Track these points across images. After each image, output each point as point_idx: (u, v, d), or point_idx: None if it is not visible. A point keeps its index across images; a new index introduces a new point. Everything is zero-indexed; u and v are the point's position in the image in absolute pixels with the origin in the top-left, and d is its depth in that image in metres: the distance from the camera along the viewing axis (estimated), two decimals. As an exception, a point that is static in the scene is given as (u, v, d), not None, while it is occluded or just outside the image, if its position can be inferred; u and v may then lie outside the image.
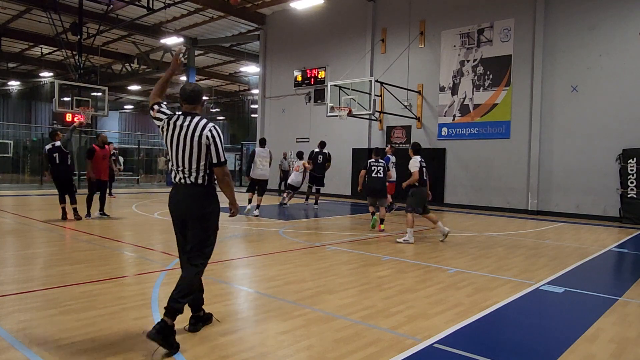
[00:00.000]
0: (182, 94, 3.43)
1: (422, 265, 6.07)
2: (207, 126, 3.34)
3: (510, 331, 3.82)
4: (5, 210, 10.73)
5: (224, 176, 3.40)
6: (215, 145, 3.33)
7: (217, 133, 3.35)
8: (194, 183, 3.36)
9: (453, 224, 10.82)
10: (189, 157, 3.33)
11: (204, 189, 3.39)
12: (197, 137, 3.30)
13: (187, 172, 3.36)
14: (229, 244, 7.40)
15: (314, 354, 3.14)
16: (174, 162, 3.40)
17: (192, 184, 3.36)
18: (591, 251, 7.59)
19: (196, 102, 3.45)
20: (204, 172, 3.36)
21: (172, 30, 22.04)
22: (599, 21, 12.63)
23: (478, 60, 14.80)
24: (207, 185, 3.40)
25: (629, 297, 4.87)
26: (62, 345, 3.12)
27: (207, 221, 3.39)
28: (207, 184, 3.40)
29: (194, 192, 3.37)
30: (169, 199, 3.49)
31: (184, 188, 3.39)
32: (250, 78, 30.15)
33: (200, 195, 3.37)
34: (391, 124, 16.91)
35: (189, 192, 3.38)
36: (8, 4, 18.63)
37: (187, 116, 3.38)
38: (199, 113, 3.46)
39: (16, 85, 35.70)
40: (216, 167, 3.37)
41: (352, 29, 18.00)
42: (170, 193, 3.50)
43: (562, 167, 13.17)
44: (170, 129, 3.38)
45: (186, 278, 3.30)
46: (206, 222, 3.39)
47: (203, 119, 3.39)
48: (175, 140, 3.35)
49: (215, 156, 3.34)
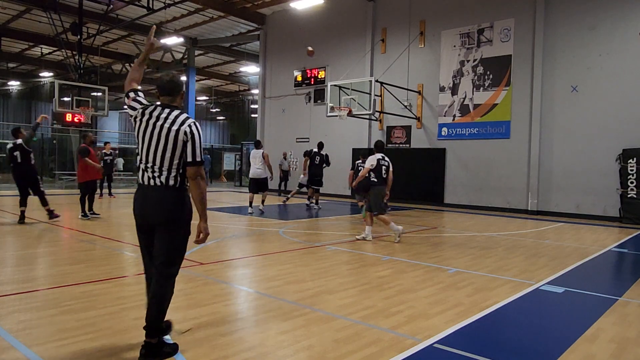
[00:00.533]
0: (159, 85, 3.12)
1: (422, 265, 6.07)
2: (187, 121, 3.01)
3: (510, 331, 3.82)
4: (5, 210, 10.72)
5: (197, 176, 3.00)
6: (193, 142, 2.99)
7: (197, 130, 3.03)
8: (164, 184, 3.00)
9: (453, 224, 10.83)
10: (161, 154, 2.98)
11: (175, 192, 3.02)
12: (173, 132, 2.96)
13: (157, 171, 3.00)
14: (229, 244, 7.40)
15: (314, 354, 3.14)
16: (143, 158, 3.04)
17: (162, 185, 3.00)
18: (591, 251, 7.59)
19: (175, 94, 3.12)
20: (176, 172, 3.01)
21: (172, 30, 22.05)
22: (599, 21, 12.63)
23: (478, 60, 14.80)
24: (178, 188, 3.03)
25: (629, 297, 4.87)
26: (62, 345, 3.12)
27: (179, 228, 3.05)
28: (179, 186, 3.04)
29: (163, 195, 3.00)
30: (134, 202, 3.11)
31: (153, 190, 3.01)
32: (250, 78, 30.15)
33: (170, 199, 3.01)
34: (391, 124, 16.91)
35: (157, 195, 3.00)
36: (8, 4, 18.64)
37: (165, 108, 3.05)
38: (178, 106, 3.13)
39: (16, 85, 35.71)
40: (190, 167, 2.99)
41: (352, 29, 18.00)
42: (135, 195, 3.12)
43: (562, 167, 13.18)
44: (145, 120, 3.03)
45: (161, 293, 3.02)
46: (179, 229, 3.05)
47: (183, 114, 3.07)
48: (149, 133, 3.01)
49: (191, 154, 2.98)
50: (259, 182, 11.67)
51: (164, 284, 3.03)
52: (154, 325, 2.98)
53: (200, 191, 3.01)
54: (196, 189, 3.01)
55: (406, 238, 8.43)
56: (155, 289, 3.02)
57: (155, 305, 3.01)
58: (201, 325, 3.61)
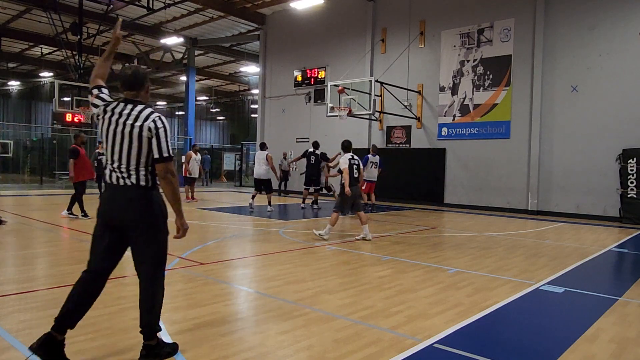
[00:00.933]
0: (121, 79, 2.94)
1: (422, 265, 6.07)
2: (151, 116, 2.85)
3: (510, 331, 3.82)
4: (5, 210, 10.72)
5: (166, 174, 2.85)
6: (158, 138, 2.83)
7: (162, 124, 2.87)
8: (134, 185, 2.84)
9: (453, 224, 10.83)
10: (127, 152, 2.83)
11: (147, 192, 2.88)
12: (137, 129, 2.81)
13: (124, 171, 2.85)
14: (229, 244, 7.40)
15: (314, 354, 3.14)
16: (109, 157, 2.90)
17: (133, 185, 2.84)
18: (591, 251, 7.59)
19: (138, 88, 2.96)
20: (145, 170, 2.87)
21: (172, 30, 22.05)
22: (599, 21, 12.63)
23: (478, 60, 14.80)
24: (150, 188, 2.89)
25: (629, 297, 4.87)
26: (62, 345, 3.12)
27: (157, 230, 2.92)
28: (151, 186, 2.89)
29: (134, 195, 2.85)
30: (101, 203, 2.94)
31: (123, 191, 2.86)
32: (250, 78, 30.16)
33: (142, 200, 2.86)
34: (391, 124, 16.91)
35: (127, 196, 2.85)
36: (8, 4, 18.65)
37: (127, 104, 2.89)
38: (143, 101, 2.97)
39: (16, 85, 35.72)
40: (159, 163, 2.85)
41: (352, 29, 18.00)
42: (103, 195, 2.98)
43: (562, 167, 13.18)
44: (107, 118, 2.88)
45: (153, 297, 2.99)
46: (157, 232, 2.93)
47: (147, 108, 2.90)
48: (112, 131, 2.86)
49: (157, 150, 2.83)
50: (261, 182, 12.31)
51: (153, 288, 2.97)
52: (151, 329, 2.96)
53: (172, 189, 2.88)
54: (167, 186, 2.87)
55: (406, 238, 8.44)
56: (145, 294, 2.97)
57: (150, 311, 2.96)
58: (201, 325, 3.61)
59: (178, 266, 5.62)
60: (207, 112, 44.07)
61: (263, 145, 12.78)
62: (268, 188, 12.35)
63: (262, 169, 12.13)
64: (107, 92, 3.03)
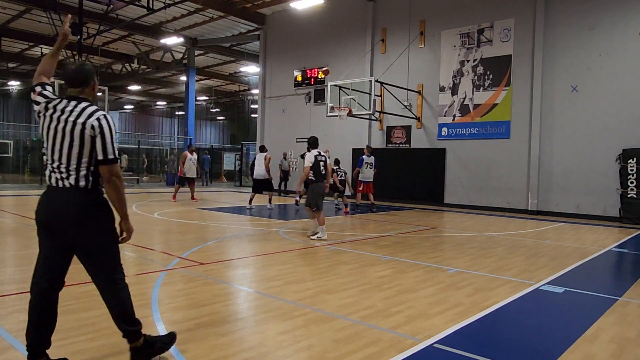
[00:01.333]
0: (66, 75, 2.79)
1: (422, 265, 6.07)
2: (94, 114, 2.68)
3: (510, 331, 3.82)
4: (5, 210, 10.73)
5: (111, 176, 2.68)
6: (102, 137, 2.66)
7: (107, 123, 2.70)
8: (73, 186, 2.67)
9: (453, 224, 10.83)
10: (67, 152, 2.67)
11: (87, 194, 2.70)
12: (79, 127, 2.65)
13: (64, 172, 2.68)
14: (229, 244, 7.40)
15: (314, 354, 3.14)
16: (49, 157, 2.71)
17: (72, 187, 2.67)
18: (591, 251, 7.59)
19: (84, 84, 2.79)
20: (87, 171, 2.69)
21: (172, 30, 22.05)
22: (599, 21, 12.63)
23: (478, 60, 14.80)
24: (91, 189, 2.71)
25: (629, 297, 4.87)
26: (62, 345, 3.12)
27: (103, 232, 2.76)
28: (92, 188, 2.71)
29: (74, 198, 2.67)
30: (38, 206, 2.75)
31: (61, 193, 2.68)
32: (250, 78, 30.16)
33: (81, 203, 2.67)
34: (391, 124, 16.91)
35: (67, 199, 2.67)
36: (8, 4, 18.65)
37: (71, 101, 2.73)
38: (88, 99, 2.80)
39: (16, 85, 35.72)
40: (102, 165, 2.68)
41: (352, 29, 18.00)
42: (41, 197, 2.76)
43: (562, 167, 13.18)
44: (49, 115, 2.72)
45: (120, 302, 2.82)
46: (103, 234, 2.76)
47: (92, 106, 2.74)
48: (53, 129, 2.69)
49: (101, 151, 2.66)
50: (260, 182, 12.81)
51: (117, 293, 2.82)
52: (131, 332, 2.85)
53: (117, 193, 2.70)
54: (112, 190, 2.70)
55: (406, 238, 8.44)
56: (110, 302, 2.82)
57: (121, 316, 2.83)
58: (201, 325, 3.61)
59: (178, 266, 5.62)
60: (207, 112, 44.08)
61: (262, 148, 13.23)
62: (269, 187, 12.85)
63: (261, 170, 12.66)
64: (50, 90, 2.87)
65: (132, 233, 2.87)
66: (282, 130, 20.61)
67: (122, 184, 2.75)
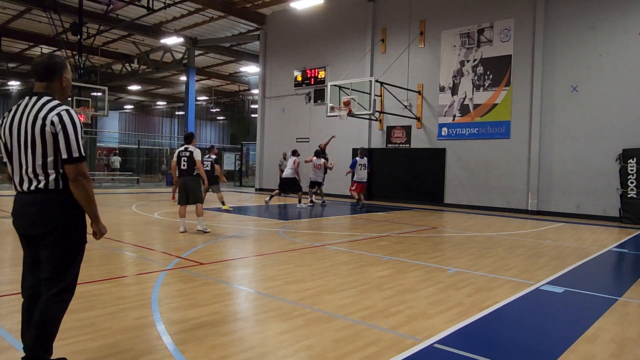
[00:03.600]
0: (32, 67, 2.60)
1: (422, 265, 6.07)
2: (55, 109, 2.49)
3: (510, 331, 3.82)
4: (5, 210, 10.72)
5: (77, 176, 2.50)
6: (65, 134, 2.47)
7: (69, 118, 2.49)
8: (42, 189, 2.51)
9: (453, 224, 10.83)
10: (32, 152, 2.49)
11: (58, 196, 2.54)
12: (39, 123, 2.45)
13: (31, 174, 2.51)
14: (229, 244, 7.41)
15: (314, 354, 3.14)
16: (15, 159, 2.56)
17: (41, 190, 2.51)
18: (591, 251, 7.59)
19: (50, 79, 2.59)
20: (55, 172, 2.52)
21: (172, 30, 22.04)
22: (599, 21, 12.63)
23: (478, 60, 14.80)
24: (61, 190, 2.54)
25: (629, 297, 4.87)
26: (62, 345, 3.12)
27: (66, 237, 2.57)
28: (62, 189, 2.54)
29: (42, 200, 2.52)
30: (13, 215, 2.66)
31: (31, 196, 2.53)
32: (250, 78, 30.16)
33: (51, 205, 2.53)
34: (391, 124, 16.91)
35: (35, 201, 2.52)
36: (8, 4, 18.64)
37: (33, 97, 2.54)
38: (52, 93, 2.59)
39: (16, 85, 35.71)
40: (67, 165, 2.50)
41: (352, 29, 18.00)
42: (14, 206, 2.65)
43: (562, 167, 13.18)
44: (10, 115, 2.56)
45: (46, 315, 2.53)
46: (65, 239, 2.57)
47: (53, 101, 2.54)
48: (16, 128, 2.51)
49: (65, 149, 2.47)
50: (286, 182, 13.88)
51: (50, 305, 2.54)
52: (34, 355, 2.49)
53: (85, 193, 2.53)
54: (78, 191, 2.52)
55: (406, 238, 8.44)
56: (39, 309, 2.53)
57: (36, 329, 2.49)
58: (201, 325, 3.61)
59: (178, 266, 5.62)
60: (207, 112, 44.08)
61: (295, 152, 14.51)
62: (295, 188, 13.82)
63: (289, 171, 13.85)
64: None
65: (103, 235, 2.75)
66: (282, 130, 20.60)
67: (89, 183, 2.57)
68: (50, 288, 2.56)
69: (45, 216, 2.52)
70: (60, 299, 2.60)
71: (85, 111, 16.86)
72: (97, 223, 2.68)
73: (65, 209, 2.56)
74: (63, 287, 2.60)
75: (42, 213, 2.52)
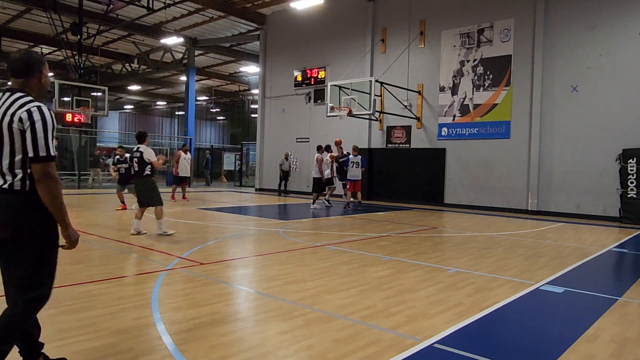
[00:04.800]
0: (9, 65, 2.50)
1: (422, 265, 6.07)
2: (26, 105, 2.37)
3: (510, 331, 3.82)
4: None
5: (44, 177, 2.35)
6: (33, 131, 2.33)
7: (39, 115, 2.37)
8: (7, 190, 2.38)
9: (453, 224, 10.83)
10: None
11: (24, 197, 2.39)
12: (7, 119, 2.34)
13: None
14: (229, 244, 7.41)
15: (314, 354, 3.14)
16: None
17: (7, 190, 2.38)
18: (591, 251, 7.59)
19: (27, 75, 2.49)
20: (23, 172, 2.39)
21: (172, 30, 22.04)
22: (599, 21, 12.63)
23: (478, 60, 14.79)
24: (29, 191, 2.40)
25: (629, 297, 4.87)
26: (62, 345, 3.12)
27: (35, 238, 2.41)
28: (30, 189, 2.40)
29: (9, 200, 2.38)
30: None
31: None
32: (250, 78, 30.15)
33: (19, 205, 2.38)
34: (391, 124, 16.91)
35: (2, 202, 2.38)
36: (8, 4, 18.64)
37: (6, 93, 2.43)
38: (28, 91, 2.49)
39: (16, 86, 35.70)
40: (33, 164, 2.35)
41: (352, 29, 18.00)
42: None
43: (562, 167, 13.18)
44: None
45: (7, 320, 2.40)
46: (35, 241, 2.41)
47: (26, 97, 2.43)
48: None
49: (31, 147, 2.33)
50: (314, 181, 13.58)
51: (20, 309, 2.42)
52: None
53: (52, 195, 2.37)
54: (44, 193, 2.36)
55: (406, 238, 8.44)
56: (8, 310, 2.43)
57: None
58: (201, 325, 3.61)
59: (178, 266, 5.62)
60: (207, 112, 44.06)
61: (318, 148, 13.88)
62: (319, 187, 13.39)
63: (313, 169, 13.63)
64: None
65: (74, 242, 2.54)
66: (282, 130, 20.61)
67: (57, 186, 2.39)
68: (27, 292, 2.42)
69: (9, 218, 2.36)
70: (38, 305, 2.48)
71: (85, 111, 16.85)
72: (67, 229, 2.48)
73: (31, 211, 2.40)
74: (41, 290, 2.46)
75: (9, 213, 2.37)
